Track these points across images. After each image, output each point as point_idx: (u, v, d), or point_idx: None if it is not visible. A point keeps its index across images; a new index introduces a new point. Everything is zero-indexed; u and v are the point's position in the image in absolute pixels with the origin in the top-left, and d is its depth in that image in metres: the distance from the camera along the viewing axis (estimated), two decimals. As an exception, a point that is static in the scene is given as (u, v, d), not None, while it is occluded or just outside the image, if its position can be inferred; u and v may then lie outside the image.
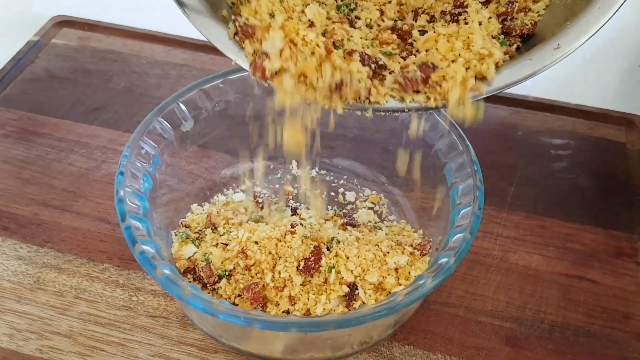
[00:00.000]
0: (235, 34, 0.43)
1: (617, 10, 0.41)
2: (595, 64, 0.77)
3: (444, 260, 0.44)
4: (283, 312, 0.47)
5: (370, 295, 0.48)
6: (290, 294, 0.47)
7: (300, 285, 0.47)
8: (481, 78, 0.42)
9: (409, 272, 0.50)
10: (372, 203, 0.59)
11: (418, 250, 0.51)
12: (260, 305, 0.47)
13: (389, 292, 0.48)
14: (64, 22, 0.80)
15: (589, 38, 0.40)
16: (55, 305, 0.52)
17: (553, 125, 0.69)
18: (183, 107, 0.55)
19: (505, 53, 0.42)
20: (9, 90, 0.71)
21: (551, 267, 0.56)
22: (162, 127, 0.53)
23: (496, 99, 0.71)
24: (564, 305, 0.53)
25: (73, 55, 0.76)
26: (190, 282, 0.46)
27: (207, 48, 0.76)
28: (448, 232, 0.47)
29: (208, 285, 0.49)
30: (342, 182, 0.61)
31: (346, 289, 0.47)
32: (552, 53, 0.41)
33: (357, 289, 0.47)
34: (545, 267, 0.56)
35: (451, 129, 0.52)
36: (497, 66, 0.42)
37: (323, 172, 0.62)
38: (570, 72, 0.76)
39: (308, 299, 0.47)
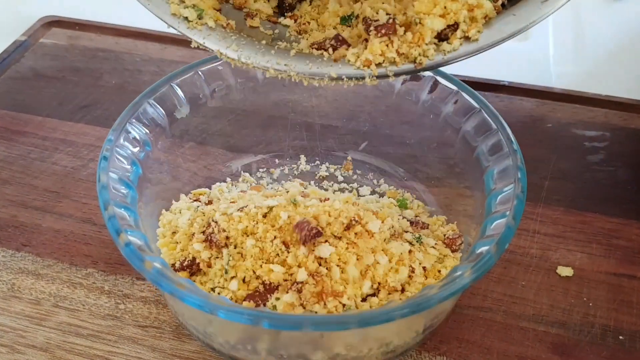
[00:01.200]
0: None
1: None
2: (623, 54, 0.72)
3: (484, 249, 0.38)
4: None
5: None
6: None
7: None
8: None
9: (439, 271, 0.43)
10: (391, 199, 0.52)
11: (447, 246, 0.45)
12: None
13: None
14: (54, 22, 0.74)
15: None
16: (30, 314, 0.45)
17: (584, 117, 0.63)
18: (178, 90, 0.49)
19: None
20: (-9, 90, 0.65)
21: (597, 265, 0.49)
22: (155, 111, 0.47)
23: (519, 91, 0.65)
24: (616, 307, 0.46)
25: (62, 54, 0.70)
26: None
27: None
28: (485, 220, 0.41)
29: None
30: (355, 177, 0.55)
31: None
32: (539, 7, 0.36)
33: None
34: (590, 266, 0.49)
35: (480, 105, 0.46)
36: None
37: (333, 167, 0.55)
38: (598, 64, 0.72)
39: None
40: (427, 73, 0.49)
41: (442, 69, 0.40)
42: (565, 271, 0.48)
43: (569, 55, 0.72)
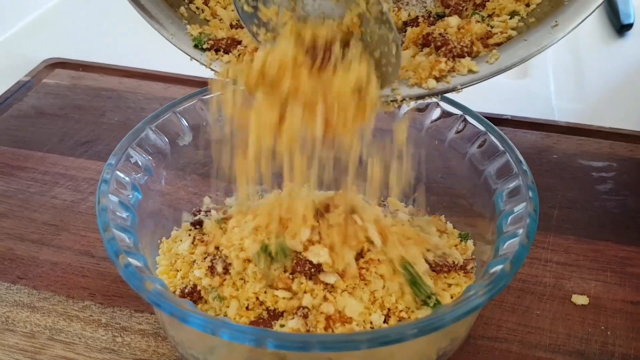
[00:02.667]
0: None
1: None
2: (624, 90, 0.72)
3: (498, 268, 0.36)
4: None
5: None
6: None
7: None
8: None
9: (451, 296, 0.41)
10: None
11: (460, 270, 0.43)
12: None
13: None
14: (58, 64, 0.75)
15: (590, 13, 0.36)
16: (24, 348, 0.43)
17: (590, 148, 0.62)
18: (180, 117, 0.48)
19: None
20: (-7, 128, 0.65)
21: (612, 294, 0.48)
22: (157, 137, 0.47)
23: (523, 124, 0.65)
24: (634, 336, 0.44)
25: (64, 93, 0.71)
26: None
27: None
28: (497, 240, 0.39)
29: None
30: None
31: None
32: (549, 32, 0.37)
33: None
34: (605, 295, 0.47)
35: (486, 128, 0.46)
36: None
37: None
38: (599, 99, 0.72)
39: None
40: (431, 100, 0.49)
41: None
42: (580, 299, 0.47)
43: (570, 90, 0.72)
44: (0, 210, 0.55)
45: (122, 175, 0.42)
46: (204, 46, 0.42)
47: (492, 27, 0.40)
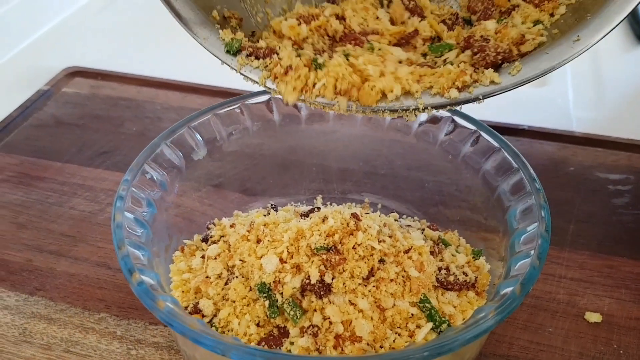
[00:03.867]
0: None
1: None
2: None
3: (508, 290, 0.36)
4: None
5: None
6: None
7: None
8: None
9: (463, 318, 0.41)
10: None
11: (472, 288, 0.43)
12: None
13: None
14: (77, 73, 0.76)
15: (613, 28, 0.36)
16: (41, 360, 0.44)
17: (607, 160, 0.61)
18: (195, 132, 0.49)
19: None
20: (13, 137, 0.66)
21: (627, 311, 0.47)
22: (172, 153, 0.47)
23: (539, 135, 0.64)
24: (650, 356, 0.44)
25: (83, 103, 0.72)
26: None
27: (225, 93, 0.72)
28: (509, 260, 0.39)
29: None
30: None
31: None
32: (571, 46, 0.37)
33: None
34: (619, 312, 0.47)
35: (500, 144, 0.45)
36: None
37: (349, 205, 0.54)
38: (618, 109, 0.71)
39: None
40: (444, 113, 0.49)
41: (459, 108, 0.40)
42: (593, 317, 0.46)
43: (588, 100, 0.71)
44: (20, 220, 0.56)
45: (137, 191, 0.43)
46: (235, 51, 0.42)
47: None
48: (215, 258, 0.44)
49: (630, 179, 0.59)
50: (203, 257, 0.45)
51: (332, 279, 0.40)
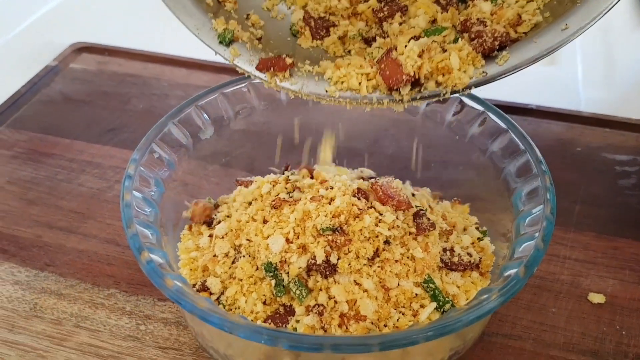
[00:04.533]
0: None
1: None
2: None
3: (512, 271, 0.36)
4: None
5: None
6: None
7: None
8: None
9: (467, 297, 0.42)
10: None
11: (476, 269, 0.43)
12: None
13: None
14: (84, 48, 0.76)
15: (601, 16, 0.36)
16: (52, 334, 0.45)
17: (615, 141, 0.61)
18: (202, 111, 0.49)
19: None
20: (22, 113, 0.67)
21: (630, 292, 0.47)
22: (179, 132, 0.47)
23: (547, 114, 0.64)
24: (652, 337, 0.44)
25: (91, 79, 0.72)
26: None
27: (231, 70, 0.71)
28: (514, 241, 0.40)
29: None
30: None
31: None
32: (559, 34, 0.37)
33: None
34: (623, 293, 0.47)
35: (508, 125, 0.45)
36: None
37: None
38: (628, 89, 0.70)
39: None
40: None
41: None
42: (597, 298, 0.47)
43: (598, 79, 0.71)
44: (29, 197, 0.57)
45: (145, 170, 0.43)
46: (228, 42, 0.42)
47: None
48: (223, 237, 0.44)
49: (637, 159, 0.59)
50: (210, 235, 0.45)
51: (338, 259, 0.40)
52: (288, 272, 0.40)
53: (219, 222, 0.47)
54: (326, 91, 0.40)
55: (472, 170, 0.49)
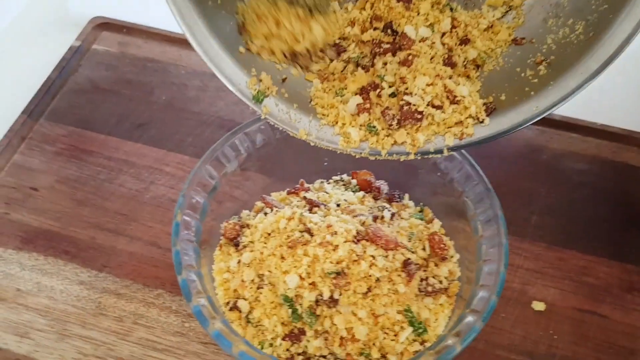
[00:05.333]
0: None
1: (596, 77, 0.45)
2: (626, 83, 0.77)
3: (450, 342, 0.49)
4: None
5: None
6: None
7: None
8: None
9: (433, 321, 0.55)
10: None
11: (445, 292, 0.56)
12: None
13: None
14: (103, 25, 0.81)
15: (565, 101, 0.47)
16: (116, 330, 0.59)
17: (578, 148, 0.71)
18: (228, 148, 0.59)
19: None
20: (56, 103, 0.75)
21: (566, 301, 0.60)
22: (210, 174, 0.57)
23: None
24: (575, 341, 0.58)
25: (114, 64, 0.78)
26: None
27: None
28: (477, 265, 0.52)
29: None
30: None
31: None
32: (531, 112, 0.48)
33: None
34: (560, 302, 0.60)
35: (476, 178, 0.56)
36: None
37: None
38: (598, 91, 0.77)
39: None
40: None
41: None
42: (538, 306, 0.60)
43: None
44: (79, 197, 0.67)
45: (186, 217, 0.54)
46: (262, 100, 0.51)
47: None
48: (249, 265, 0.56)
49: (594, 169, 0.69)
50: (239, 261, 0.57)
51: (340, 295, 0.53)
52: (301, 304, 0.53)
53: (245, 246, 0.58)
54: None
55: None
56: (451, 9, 0.53)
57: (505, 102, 0.50)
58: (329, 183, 0.65)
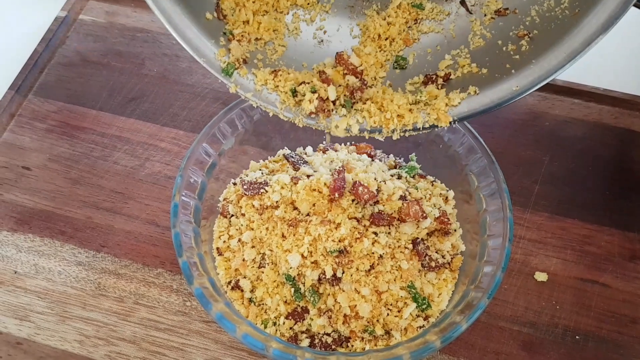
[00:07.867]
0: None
1: (577, 59, 0.44)
2: (628, 49, 0.76)
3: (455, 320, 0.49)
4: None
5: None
6: None
7: None
8: None
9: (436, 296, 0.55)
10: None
11: (448, 266, 0.56)
12: None
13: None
14: (88, -7, 0.79)
15: (544, 83, 0.45)
16: (117, 311, 0.58)
17: (580, 114, 0.70)
18: (225, 125, 0.57)
19: None
20: (45, 77, 0.72)
21: (568, 271, 0.60)
22: (207, 151, 0.56)
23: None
24: (577, 310, 0.58)
25: (102, 35, 0.76)
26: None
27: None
28: (481, 240, 0.52)
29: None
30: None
31: None
32: (510, 92, 0.46)
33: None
34: (562, 272, 0.60)
35: (484, 154, 0.55)
36: None
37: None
38: (601, 57, 0.76)
39: None
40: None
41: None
42: (541, 276, 0.60)
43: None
44: (73, 176, 0.66)
45: (186, 199, 0.53)
46: (231, 73, 0.48)
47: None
48: (249, 244, 0.55)
49: (595, 136, 0.68)
50: (239, 240, 0.56)
51: (342, 273, 0.52)
52: (304, 283, 0.52)
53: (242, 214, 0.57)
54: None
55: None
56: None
57: (484, 80, 0.48)
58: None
